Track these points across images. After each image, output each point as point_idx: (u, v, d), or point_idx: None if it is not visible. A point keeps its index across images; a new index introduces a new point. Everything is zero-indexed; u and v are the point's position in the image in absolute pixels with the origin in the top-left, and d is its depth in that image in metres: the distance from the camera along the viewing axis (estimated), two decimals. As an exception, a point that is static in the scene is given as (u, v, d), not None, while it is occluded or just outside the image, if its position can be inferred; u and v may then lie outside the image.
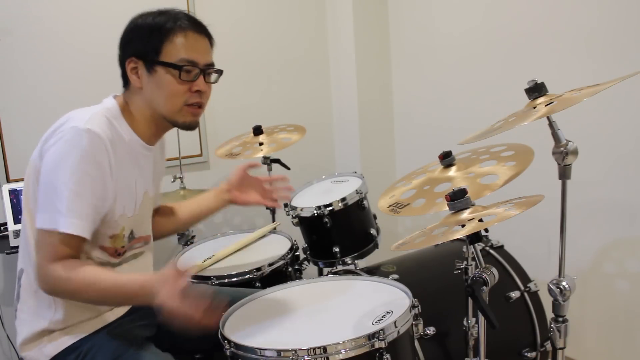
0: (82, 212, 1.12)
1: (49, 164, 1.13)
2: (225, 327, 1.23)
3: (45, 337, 1.22)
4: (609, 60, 1.83)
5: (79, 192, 1.11)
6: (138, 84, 1.24)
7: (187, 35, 1.22)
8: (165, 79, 1.21)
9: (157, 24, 1.21)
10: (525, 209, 1.06)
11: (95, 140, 1.13)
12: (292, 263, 1.83)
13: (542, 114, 1.11)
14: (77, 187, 1.11)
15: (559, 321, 1.23)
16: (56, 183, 1.11)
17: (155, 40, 1.21)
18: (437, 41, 2.54)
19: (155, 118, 1.27)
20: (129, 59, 1.23)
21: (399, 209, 1.32)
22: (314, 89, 2.94)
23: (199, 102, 1.26)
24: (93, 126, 1.14)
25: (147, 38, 1.21)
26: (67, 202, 1.10)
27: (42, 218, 1.12)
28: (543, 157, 1.28)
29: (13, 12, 2.17)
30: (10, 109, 2.19)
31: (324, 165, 3.00)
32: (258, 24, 2.74)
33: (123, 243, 1.27)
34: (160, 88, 1.22)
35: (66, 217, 1.10)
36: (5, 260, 2.20)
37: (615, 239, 1.91)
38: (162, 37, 1.21)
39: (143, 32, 1.22)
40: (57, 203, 1.10)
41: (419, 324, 1.20)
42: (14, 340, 2.18)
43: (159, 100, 1.23)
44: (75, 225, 1.11)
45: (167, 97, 1.22)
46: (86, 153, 1.12)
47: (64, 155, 1.11)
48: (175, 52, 1.21)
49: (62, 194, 1.10)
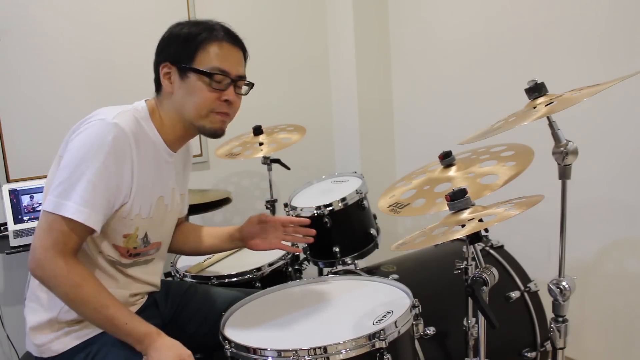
0: (94, 202, 1.13)
1: (72, 151, 1.14)
2: (225, 327, 1.23)
3: (55, 329, 1.22)
4: (609, 60, 1.83)
5: (95, 183, 1.12)
6: (169, 89, 1.26)
7: (221, 46, 1.25)
8: (197, 86, 1.23)
9: (192, 32, 1.25)
10: (525, 209, 1.06)
11: (120, 135, 1.15)
12: (292, 263, 1.83)
13: (542, 114, 1.11)
14: (95, 178, 1.12)
15: (559, 321, 1.23)
16: (75, 170, 1.12)
17: (190, 48, 1.23)
18: (437, 41, 2.54)
19: (183, 123, 1.29)
20: (163, 64, 1.26)
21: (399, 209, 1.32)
22: (314, 89, 2.94)
23: (227, 111, 1.28)
24: (120, 121, 1.16)
25: (183, 45, 1.24)
26: (81, 191, 1.11)
27: (53, 201, 1.12)
28: (543, 157, 1.28)
29: (13, 12, 2.17)
30: (10, 109, 2.19)
31: (324, 165, 3.00)
32: (258, 25, 2.74)
33: (136, 244, 1.28)
34: (191, 94, 1.24)
35: (78, 205, 1.11)
36: (5, 260, 2.20)
37: (615, 239, 1.91)
38: (197, 44, 1.24)
39: (179, 40, 1.25)
40: (71, 189, 1.11)
41: (419, 324, 1.20)
42: (14, 340, 2.19)
43: (188, 105, 1.25)
44: (86, 214, 1.12)
45: (196, 104, 1.25)
46: (109, 145, 1.13)
47: (88, 144, 1.13)
48: (208, 60, 1.23)
49: (78, 182, 1.11)
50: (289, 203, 1.94)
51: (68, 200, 1.11)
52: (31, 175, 2.19)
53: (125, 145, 1.16)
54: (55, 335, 1.23)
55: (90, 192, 1.12)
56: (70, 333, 1.23)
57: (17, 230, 1.99)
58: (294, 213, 1.88)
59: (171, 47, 1.26)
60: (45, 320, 1.23)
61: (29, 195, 2.07)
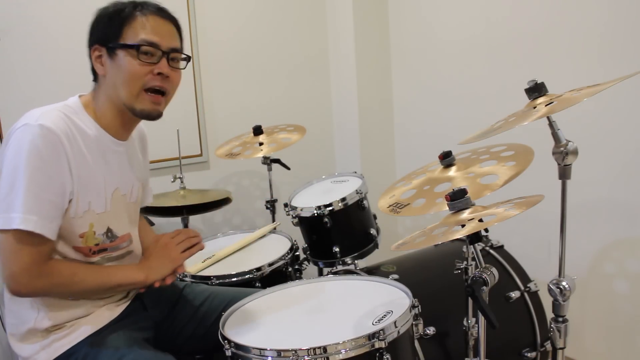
0: (39, 209, 1.09)
1: (5, 164, 1.11)
2: (225, 327, 1.23)
3: (38, 341, 1.21)
4: (609, 60, 1.83)
5: (34, 190, 1.09)
6: (102, 72, 1.22)
7: (147, 19, 1.20)
8: (125, 61, 1.18)
9: (117, 9, 1.21)
10: (525, 209, 1.06)
11: (47, 135, 1.11)
12: (292, 263, 1.83)
13: (542, 114, 1.11)
14: (32, 185, 1.08)
15: (559, 321, 1.23)
16: (11, 182, 1.09)
17: (115, 25, 1.19)
18: (437, 41, 2.54)
19: (119, 108, 1.23)
20: (93, 47, 1.22)
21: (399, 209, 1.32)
22: (314, 89, 2.94)
23: (161, 85, 1.22)
24: (45, 121, 1.12)
25: (108, 23, 1.20)
26: (23, 200, 1.07)
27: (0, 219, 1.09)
28: (543, 157, 1.28)
29: (13, 12, 2.17)
30: (10, 109, 2.19)
31: (324, 165, 3.00)
32: (258, 25, 2.74)
33: (97, 240, 1.24)
34: (120, 71, 1.18)
35: (23, 214, 1.07)
36: (5, 260, 2.20)
37: (615, 239, 1.91)
38: (122, 20, 1.19)
39: (105, 19, 1.22)
40: (12, 201, 1.08)
41: (419, 324, 1.20)
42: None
43: (119, 84, 1.20)
44: (34, 222, 1.08)
45: (125, 80, 1.19)
46: (38, 149, 1.10)
47: (17, 153, 1.09)
48: (134, 34, 1.18)
49: (17, 192, 1.08)
50: (289, 203, 1.94)
51: (11, 212, 1.07)
52: (31, 175, 2.19)
53: (56, 144, 1.12)
54: (40, 345, 1.20)
55: (31, 199, 1.08)
56: (55, 342, 1.21)
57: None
58: (294, 213, 1.88)
59: (98, 28, 1.22)
60: (24, 331, 1.21)
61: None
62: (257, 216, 2.80)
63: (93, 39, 1.23)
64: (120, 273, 1.24)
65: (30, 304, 1.21)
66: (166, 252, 1.28)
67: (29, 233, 1.09)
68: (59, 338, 1.21)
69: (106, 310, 1.27)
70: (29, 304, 1.21)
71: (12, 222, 1.07)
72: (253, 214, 2.80)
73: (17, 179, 1.08)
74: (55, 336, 1.21)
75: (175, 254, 1.29)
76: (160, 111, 1.25)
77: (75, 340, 1.21)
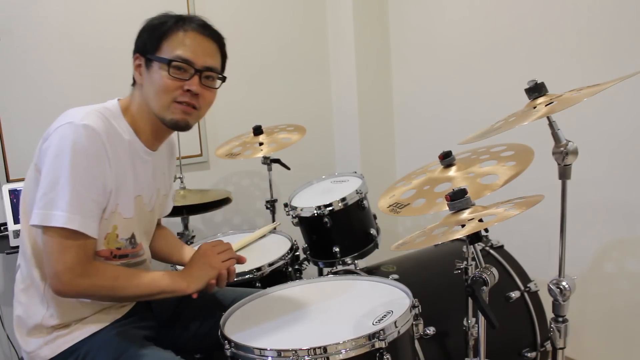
0: (83, 208, 1.11)
1: (46, 161, 1.12)
2: (225, 327, 1.23)
3: (42, 335, 1.22)
4: (609, 60, 1.83)
5: (78, 189, 1.10)
6: (140, 80, 1.25)
7: (187, 35, 1.22)
8: (158, 74, 1.20)
9: (161, 22, 1.23)
10: (525, 209, 1.06)
11: (92, 135, 1.12)
12: (292, 263, 1.83)
13: (542, 114, 1.11)
14: (76, 184, 1.10)
15: (559, 321, 1.23)
16: (54, 179, 1.10)
17: (156, 37, 1.22)
18: (437, 41, 2.54)
19: (152, 116, 1.25)
20: (135, 55, 1.25)
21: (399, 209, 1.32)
22: (314, 89, 2.94)
23: (189, 102, 1.22)
24: (90, 122, 1.13)
25: (150, 35, 1.23)
26: (68, 198, 1.09)
27: (41, 215, 1.10)
28: (543, 157, 1.28)
29: (13, 12, 2.17)
30: (10, 109, 2.19)
31: (324, 165, 3.00)
32: (258, 24, 2.74)
33: (119, 244, 1.25)
34: (153, 83, 1.21)
35: (67, 213, 1.09)
36: (5, 260, 2.21)
37: (615, 239, 1.91)
38: (162, 34, 1.21)
39: (148, 30, 1.24)
40: (55, 199, 1.09)
41: (419, 324, 1.20)
42: (14, 340, 2.19)
43: (152, 95, 1.22)
44: (78, 222, 1.10)
45: (156, 92, 1.21)
46: (84, 148, 1.11)
47: (60, 151, 1.10)
48: (171, 49, 1.20)
49: (61, 190, 1.09)
50: (289, 203, 1.94)
51: (56, 210, 1.08)
52: (31, 175, 2.19)
53: (100, 145, 1.13)
54: (44, 341, 1.21)
55: (75, 198, 1.09)
56: (58, 338, 1.21)
57: (17, 230, 1.99)
58: (294, 213, 1.88)
59: (141, 37, 1.24)
60: (31, 326, 1.22)
61: (29, 195, 2.07)
62: (257, 216, 2.80)
63: (136, 47, 1.25)
64: (164, 281, 1.22)
65: (40, 299, 1.22)
66: (206, 259, 1.28)
67: (73, 232, 1.10)
68: (62, 335, 1.22)
69: (112, 310, 1.28)
70: (39, 299, 1.22)
71: (54, 220, 1.08)
72: (253, 214, 2.80)
73: (61, 177, 1.09)
74: (59, 333, 1.22)
75: (216, 262, 1.28)
76: (189, 122, 1.25)
77: (79, 338, 1.22)
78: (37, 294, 1.22)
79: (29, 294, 1.23)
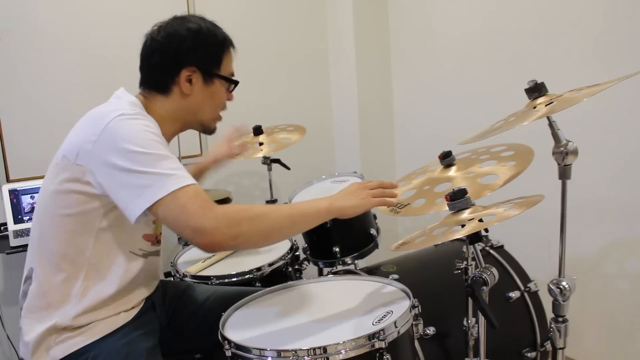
0: (181, 167, 1.10)
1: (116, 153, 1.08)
2: (225, 327, 1.23)
3: (53, 337, 1.20)
4: (608, 60, 1.83)
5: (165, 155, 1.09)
6: (188, 92, 1.26)
7: (232, 50, 1.32)
8: (220, 91, 1.30)
9: (219, 36, 1.28)
10: (525, 209, 1.06)
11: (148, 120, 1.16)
12: (292, 263, 1.83)
13: (542, 114, 1.11)
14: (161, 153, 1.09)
15: (559, 321, 1.23)
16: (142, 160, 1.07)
17: (217, 54, 1.28)
18: (437, 41, 2.54)
19: (186, 121, 1.31)
20: (188, 67, 1.24)
21: (399, 209, 1.32)
22: (314, 89, 2.94)
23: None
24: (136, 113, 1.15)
25: (212, 50, 1.27)
26: (165, 166, 1.07)
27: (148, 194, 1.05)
28: (543, 157, 1.28)
29: (13, 12, 2.17)
30: (10, 109, 2.19)
31: (324, 165, 3.00)
32: (258, 24, 2.74)
33: (160, 229, 1.29)
34: (214, 98, 1.30)
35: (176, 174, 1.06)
36: (5, 260, 2.20)
37: (615, 239, 1.91)
38: (222, 51, 1.29)
39: (209, 44, 1.27)
40: (156, 173, 1.06)
41: (419, 324, 1.19)
42: (14, 340, 2.19)
43: (207, 108, 1.30)
44: (188, 177, 1.08)
45: (215, 107, 1.32)
46: (149, 128, 1.13)
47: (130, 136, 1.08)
48: (227, 66, 1.31)
49: (154, 164, 1.06)
50: (289, 203, 1.94)
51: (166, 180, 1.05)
52: (31, 175, 2.19)
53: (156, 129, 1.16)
54: (54, 341, 1.20)
55: (170, 162, 1.08)
56: (69, 339, 1.20)
57: (17, 230, 1.99)
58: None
59: (198, 51, 1.25)
60: (45, 329, 1.19)
61: (29, 195, 2.07)
62: (257, 216, 2.80)
63: (190, 59, 1.24)
64: (304, 203, 1.21)
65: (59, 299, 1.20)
66: (356, 192, 1.25)
67: (182, 189, 1.06)
68: (73, 336, 1.21)
69: (123, 313, 1.27)
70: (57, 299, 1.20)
71: (160, 191, 1.05)
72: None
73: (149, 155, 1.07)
74: (69, 334, 1.21)
75: (365, 195, 1.23)
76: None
77: (89, 340, 1.21)
78: (57, 293, 1.20)
79: (48, 295, 1.20)
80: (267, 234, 1.14)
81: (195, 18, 1.29)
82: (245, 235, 1.09)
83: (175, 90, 1.27)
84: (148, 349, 1.24)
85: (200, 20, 1.29)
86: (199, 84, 1.26)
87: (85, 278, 1.20)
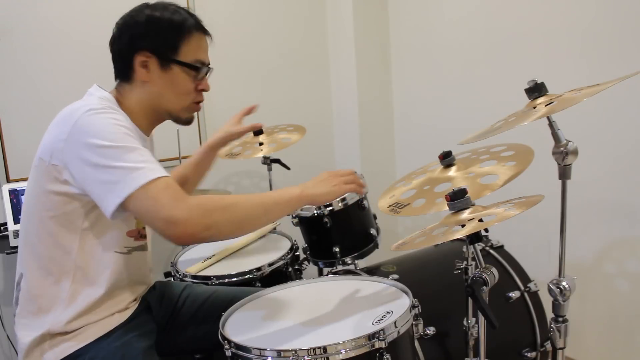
0: (151, 159, 1.08)
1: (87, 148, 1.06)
2: (225, 327, 1.23)
3: (47, 342, 1.20)
4: (608, 60, 1.83)
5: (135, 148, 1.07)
6: (145, 78, 1.23)
7: (199, 36, 1.26)
8: (180, 77, 1.24)
9: (176, 21, 1.23)
10: (525, 209, 1.06)
11: (119, 115, 1.14)
12: (292, 263, 1.83)
13: (542, 114, 1.11)
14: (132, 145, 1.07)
15: (559, 321, 1.23)
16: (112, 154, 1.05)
17: (173, 38, 1.22)
18: (437, 41, 2.54)
19: (156, 112, 1.27)
20: (141, 52, 1.22)
21: (399, 209, 1.32)
22: (314, 89, 2.94)
23: (201, 100, 1.30)
24: (106, 108, 1.13)
25: (165, 34, 1.22)
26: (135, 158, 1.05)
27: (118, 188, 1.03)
28: (543, 157, 1.28)
29: (13, 12, 2.17)
30: (10, 109, 2.19)
31: (324, 165, 3.00)
32: (258, 24, 2.74)
33: (142, 224, 1.27)
34: (174, 85, 1.24)
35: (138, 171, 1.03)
36: (5, 260, 2.20)
37: (615, 239, 1.91)
38: (181, 35, 1.23)
39: (161, 28, 1.22)
40: (126, 165, 1.04)
41: (419, 324, 1.19)
42: (14, 340, 2.19)
43: (170, 96, 1.25)
44: (159, 170, 1.05)
45: (179, 95, 1.25)
46: (120, 122, 1.11)
47: (100, 130, 1.07)
48: (191, 52, 1.24)
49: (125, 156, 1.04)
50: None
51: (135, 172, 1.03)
52: (31, 175, 2.19)
53: (126, 123, 1.14)
54: (49, 345, 1.19)
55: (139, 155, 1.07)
56: (63, 342, 1.19)
57: (17, 230, 1.99)
58: (294, 213, 1.88)
59: (152, 35, 1.21)
60: (38, 335, 1.19)
61: (29, 195, 2.07)
62: (257, 216, 2.80)
63: (142, 44, 1.22)
64: (275, 192, 1.21)
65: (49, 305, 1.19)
66: (328, 179, 1.26)
67: (153, 181, 1.04)
68: (67, 339, 1.20)
69: (117, 314, 1.27)
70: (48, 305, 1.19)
71: (130, 185, 1.03)
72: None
73: (117, 149, 1.05)
74: (63, 337, 1.20)
75: (337, 182, 1.25)
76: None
77: (84, 342, 1.20)
78: (48, 300, 1.19)
79: (39, 301, 1.20)
80: (240, 223, 1.13)
81: (161, 5, 1.25)
82: (218, 226, 1.08)
83: (136, 77, 1.24)
84: (143, 350, 1.24)
85: (165, 6, 1.24)
86: (157, 70, 1.22)
87: (73, 281, 1.19)
